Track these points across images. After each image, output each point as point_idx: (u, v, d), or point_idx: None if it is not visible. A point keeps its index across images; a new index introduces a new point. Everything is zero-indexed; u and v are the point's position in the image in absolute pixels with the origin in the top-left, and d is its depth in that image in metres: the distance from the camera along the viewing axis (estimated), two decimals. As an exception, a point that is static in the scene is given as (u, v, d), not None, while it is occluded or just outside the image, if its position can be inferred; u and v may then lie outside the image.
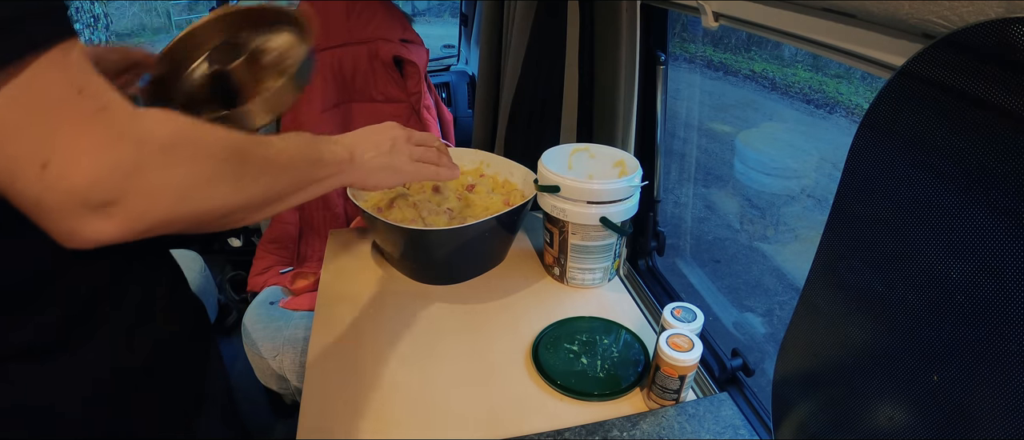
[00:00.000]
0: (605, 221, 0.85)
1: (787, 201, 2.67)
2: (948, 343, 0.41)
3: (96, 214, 0.38)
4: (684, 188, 2.37)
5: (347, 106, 1.71)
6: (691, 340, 0.69)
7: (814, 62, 3.15)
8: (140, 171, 0.39)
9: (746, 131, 3.15)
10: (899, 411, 0.46)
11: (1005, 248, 0.36)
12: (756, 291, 2.29)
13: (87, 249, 0.40)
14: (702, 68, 3.60)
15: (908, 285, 0.44)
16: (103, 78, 0.38)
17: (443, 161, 0.78)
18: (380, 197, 0.95)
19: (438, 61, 2.38)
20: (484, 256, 0.97)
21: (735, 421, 0.70)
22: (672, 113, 1.84)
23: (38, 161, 0.35)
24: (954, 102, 0.39)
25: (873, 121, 0.46)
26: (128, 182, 0.38)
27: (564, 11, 1.15)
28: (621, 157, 0.92)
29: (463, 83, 2.13)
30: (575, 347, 0.82)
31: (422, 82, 1.70)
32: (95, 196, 0.37)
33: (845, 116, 2.83)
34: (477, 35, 2.07)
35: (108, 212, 0.39)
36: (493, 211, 0.92)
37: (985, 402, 0.39)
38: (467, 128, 2.05)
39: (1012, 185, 0.36)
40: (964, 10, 0.38)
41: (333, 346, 0.83)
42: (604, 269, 0.93)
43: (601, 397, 0.74)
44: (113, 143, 0.37)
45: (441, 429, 0.71)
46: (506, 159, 1.03)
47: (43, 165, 0.35)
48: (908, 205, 0.43)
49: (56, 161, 0.35)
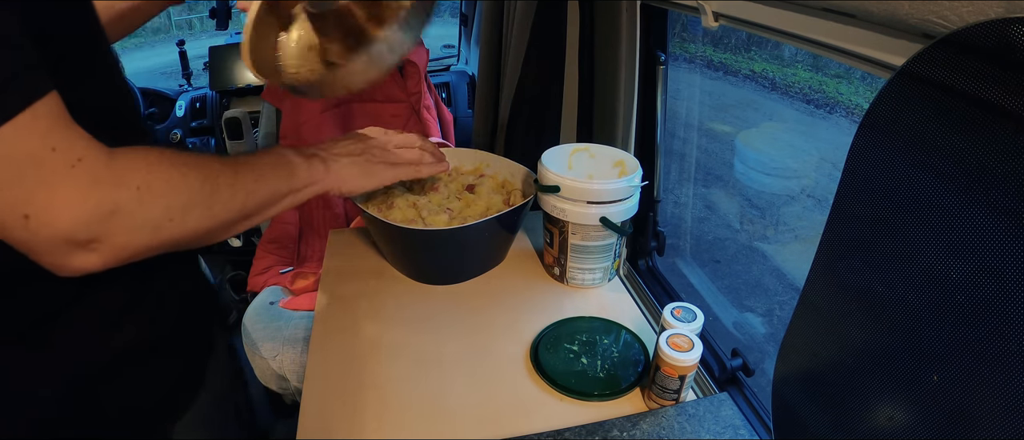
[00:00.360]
0: (605, 221, 0.85)
1: (787, 201, 2.67)
2: (948, 343, 0.41)
3: (81, 250, 0.43)
4: (684, 188, 2.37)
5: (347, 106, 1.70)
6: (691, 340, 0.69)
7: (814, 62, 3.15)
8: (118, 211, 0.43)
9: (746, 131, 3.15)
10: (899, 411, 0.46)
11: (1005, 248, 0.36)
12: (756, 291, 2.29)
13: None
14: (702, 68, 3.60)
15: (908, 285, 0.44)
16: (77, 130, 0.41)
17: (426, 159, 0.82)
18: (380, 198, 0.95)
19: (438, 61, 2.38)
20: (484, 256, 0.97)
21: (735, 421, 0.70)
22: (672, 113, 1.84)
23: (20, 214, 0.39)
24: (954, 102, 0.39)
25: (873, 121, 0.46)
26: (108, 222, 0.42)
27: (564, 11, 1.16)
28: (621, 157, 0.92)
29: (463, 83, 2.13)
30: (575, 347, 0.82)
31: (422, 82, 1.70)
32: (78, 237, 0.42)
33: (845, 116, 2.83)
34: (477, 35, 2.07)
35: (92, 248, 0.43)
36: (493, 211, 0.92)
37: (985, 402, 0.39)
38: (467, 128, 2.05)
39: (1012, 185, 0.36)
40: (964, 10, 0.38)
41: (333, 346, 0.83)
42: (604, 269, 0.93)
43: (601, 397, 0.74)
44: (90, 190, 0.41)
45: (441, 429, 0.71)
46: (506, 159, 1.02)
47: (25, 217, 0.39)
48: (908, 205, 0.43)
49: (35, 214, 0.39)
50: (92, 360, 0.53)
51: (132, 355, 0.56)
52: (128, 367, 0.56)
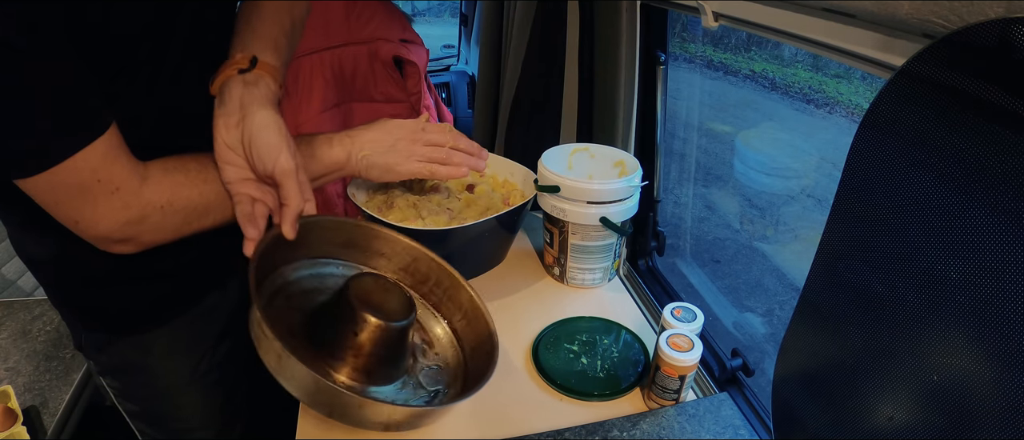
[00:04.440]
0: (605, 221, 0.85)
1: (787, 201, 2.67)
2: (948, 343, 0.41)
3: (118, 244, 0.58)
4: (684, 188, 2.36)
5: (347, 106, 1.70)
6: (691, 340, 0.69)
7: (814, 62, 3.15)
8: (144, 221, 0.57)
9: (746, 131, 3.14)
10: (899, 411, 0.46)
11: (1005, 248, 0.36)
12: (756, 291, 2.29)
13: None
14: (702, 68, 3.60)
15: (908, 285, 0.44)
16: (120, 163, 0.54)
17: (453, 160, 0.79)
18: (380, 198, 0.95)
19: (438, 61, 2.38)
20: (484, 256, 0.97)
21: (735, 421, 0.70)
22: (672, 113, 1.84)
23: (72, 221, 0.54)
24: (954, 102, 0.39)
25: (873, 121, 0.46)
26: (137, 228, 0.57)
27: (564, 11, 1.15)
28: (621, 157, 0.92)
29: (463, 83, 2.13)
30: (575, 347, 0.82)
31: (422, 82, 1.69)
32: (114, 238, 0.56)
33: (845, 116, 2.83)
34: (477, 35, 2.07)
35: (127, 243, 0.58)
36: (493, 211, 0.92)
37: (985, 402, 0.39)
38: (467, 128, 2.04)
39: (1012, 185, 0.36)
40: (964, 10, 0.38)
41: (333, 346, 0.83)
42: (604, 269, 0.93)
43: (601, 397, 0.74)
44: (123, 211, 0.55)
45: (441, 429, 0.71)
46: (506, 159, 1.02)
47: (76, 222, 0.54)
48: (908, 205, 0.43)
49: (82, 223, 0.54)
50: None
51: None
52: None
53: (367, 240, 0.78)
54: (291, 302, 0.69)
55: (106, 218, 0.54)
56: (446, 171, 0.78)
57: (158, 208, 0.57)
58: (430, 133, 0.78)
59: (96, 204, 0.53)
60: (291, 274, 0.72)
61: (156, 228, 0.58)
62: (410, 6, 4.98)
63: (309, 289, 0.72)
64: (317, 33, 1.59)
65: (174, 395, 0.78)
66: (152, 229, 0.58)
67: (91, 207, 0.53)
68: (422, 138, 0.77)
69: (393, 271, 0.80)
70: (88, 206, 0.53)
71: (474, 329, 0.76)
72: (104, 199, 0.53)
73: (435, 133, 0.78)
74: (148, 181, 0.56)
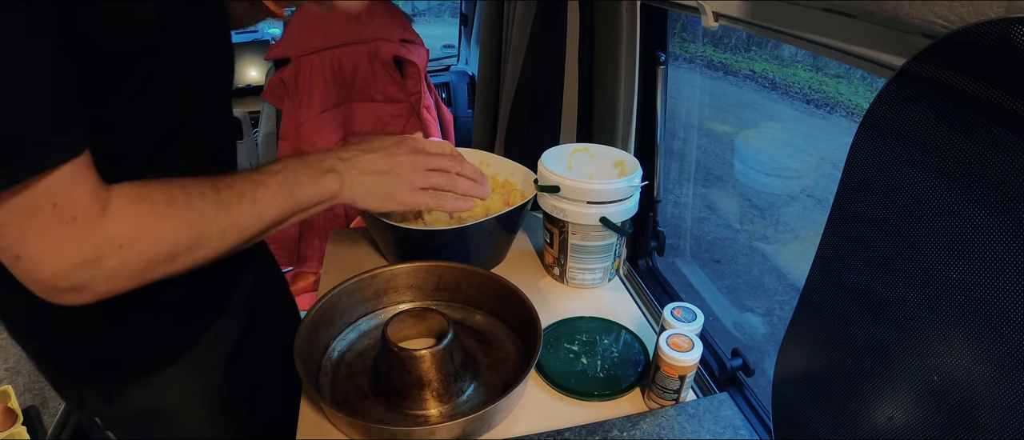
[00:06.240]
0: (605, 221, 0.85)
1: (787, 201, 2.67)
2: (948, 343, 0.41)
3: (65, 293, 0.47)
4: (684, 188, 2.36)
5: (347, 106, 1.70)
6: (691, 340, 0.69)
7: (814, 62, 3.15)
8: (100, 263, 0.47)
9: (746, 131, 3.15)
10: (899, 411, 0.46)
11: (1005, 248, 0.36)
12: (756, 291, 2.29)
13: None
14: (702, 68, 3.60)
15: (908, 285, 0.44)
16: (81, 188, 0.45)
17: (458, 186, 0.74)
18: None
19: (438, 61, 2.38)
20: (484, 256, 0.97)
21: (735, 421, 0.70)
22: (672, 113, 1.84)
23: (13, 255, 0.45)
24: (954, 102, 0.39)
25: (873, 121, 0.46)
26: (89, 273, 0.47)
27: (564, 11, 1.15)
28: (621, 157, 0.92)
29: (463, 83, 2.13)
30: (575, 347, 0.82)
31: (422, 82, 1.69)
32: (60, 285, 0.47)
33: (845, 116, 2.83)
34: (477, 35, 2.07)
35: (77, 292, 0.48)
36: (493, 211, 0.92)
37: (985, 402, 0.39)
38: (467, 128, 2.05)
39: (1012, 185, 0.36)
40: (964, 10, 0.38)
41: (333, 346, 0.83)
42: (604, 269, 0.93)
43: (601, 397, 0.74)
44: (77, 247, 0.46)
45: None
46: (506, 159, 1.02)
47: (17, 257, 0.45)
48: (908, 205, 0.43)
49: (24, 258, 0.45)
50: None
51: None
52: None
53: (391, 282, 0.83)
54: (353, 368, 0.75)
55: (53, 257, 0.45)
56: (454, 203, 0.74)
57: (117, 248, 0.48)
58: (432, 156, 0.73)
59: (45, 236, 0.44)
60: (341, 345, 0.78)
61: (111, 275, 0.48)
62: (410, 6, 4.98)
63: (361, 350, 0.79)
64: (317, 33, 1.59)
65: (197, 435, 0.75)
66: (107, 276, 0.48)
67: (39, 238, 0.44)
68: (424, 163, 0.71)
69: (427, 295, 0.86)
70: (36, 236, 0.44)
71: (516, 310, 0.79)
72: (57, 230, 0.44)
73: (437, 156, 0.73)
74: (109, 213, 0.47)
